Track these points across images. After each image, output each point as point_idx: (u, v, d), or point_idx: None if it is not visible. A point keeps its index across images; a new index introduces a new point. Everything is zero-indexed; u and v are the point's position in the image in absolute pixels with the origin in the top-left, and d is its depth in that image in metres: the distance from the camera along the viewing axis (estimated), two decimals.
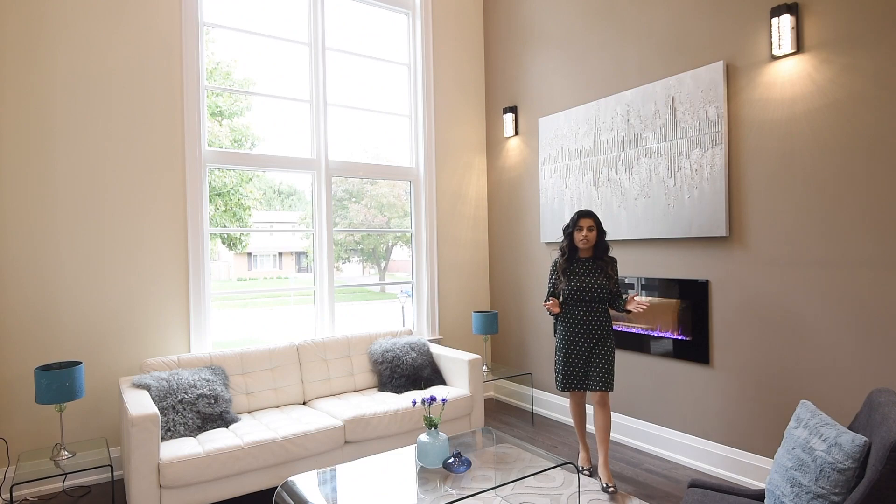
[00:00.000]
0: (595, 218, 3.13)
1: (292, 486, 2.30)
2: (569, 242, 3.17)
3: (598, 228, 3.13)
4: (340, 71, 4.31)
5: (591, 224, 3.11)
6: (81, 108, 3.23)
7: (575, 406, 3.29)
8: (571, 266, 3.16)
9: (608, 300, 3.11)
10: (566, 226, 3.19)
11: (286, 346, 3.60)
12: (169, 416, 2.83)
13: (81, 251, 3.22)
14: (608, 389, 3.05)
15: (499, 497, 2.87)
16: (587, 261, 3.14)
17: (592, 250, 3.15)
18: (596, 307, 3.11)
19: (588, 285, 3.09)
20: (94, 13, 3.26)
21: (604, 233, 3.16)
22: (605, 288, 3.08)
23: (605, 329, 3.10)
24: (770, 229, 2.93)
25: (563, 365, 3.15)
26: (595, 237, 3.11)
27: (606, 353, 3.08)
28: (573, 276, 3.13)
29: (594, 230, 3.11)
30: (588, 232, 3.09)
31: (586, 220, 3.11)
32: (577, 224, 3.12)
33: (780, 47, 2.81)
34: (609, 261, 3.14)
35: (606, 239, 3.19)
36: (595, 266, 3.13)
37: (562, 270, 3.18)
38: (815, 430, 1.71)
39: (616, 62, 3.76)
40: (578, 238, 3.11)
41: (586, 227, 3.10)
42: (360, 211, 4.63)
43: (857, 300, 2.61)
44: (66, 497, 3.03)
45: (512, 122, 4.64)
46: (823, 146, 2.71)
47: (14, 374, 3.05)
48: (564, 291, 3.14)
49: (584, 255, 3.16)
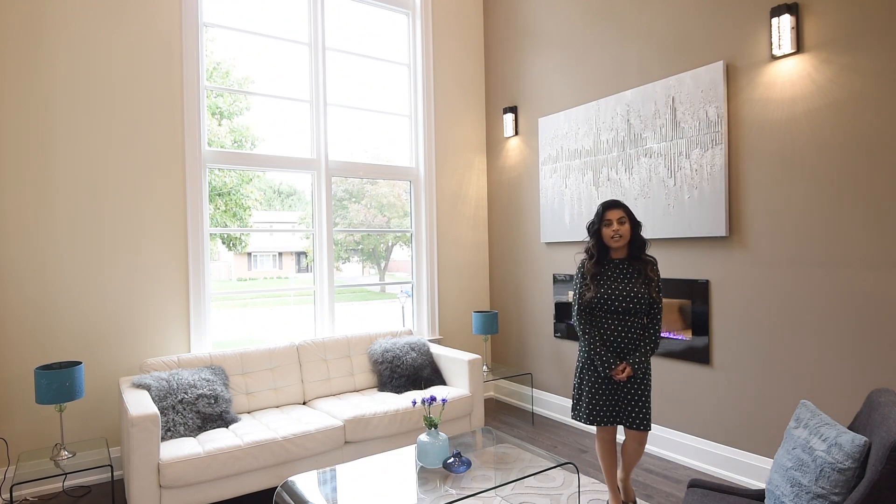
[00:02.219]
0: (625, 208, 2.59)
1: (292, 486, 2.30)
2: (596, 241, 2.62)
3: (630, 220, 2.58)
4: (340, 71, 4.31)
5: (622, 215, 2.57)
6: (81, 107, 3.23)
7: (603, 443, 2.68)
8: (601, 270, 2.62)
9: (645, 311, 2.55)
10: (591, 222, 2.65)
11: (286, 346, 3.60)
12: (169, 416, 2.83)
13: (81, 251, 3.22)
14: (647, 428, 2.54)
15: (499, 497, 2.87)
16: (620, 263, 2.61)
17: (627, 248, 2.61)
18: (630, 321, 2.54)
19: (621, 293, 2.54)
20: (94, 13, 3.26)
21: (639, 225, 2.61)
22: (643, 296, 2.52)
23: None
24: (770, 229, 2.93)
25: (589, 392, 2.60)
26: (629, 231, 2.57)
27: (646, 382, 2.55)
28: (603, 281, 2.59)
29: (626, 222, 2.56)
30: (619, 225, 2.55)
31: (615, 210, 2.57)
32: (605, 217, 2.58)
33: (780, 47, 2.80)
34: (648, 261, 2.60)
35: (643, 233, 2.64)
36: (631, 268, 2.59)
37: (590, 276, 2.61)
38: (815, 430, 1.71)
39: (616, 62, 3.76)
40: (608, 235, 2.56)
41: (616, 220, 2.56)
42: (360, 211, 4.63)
43: (857, 300, 2.61)
44: (66, 497, 3.03)
45: (512, 122, 4.64)
46: (823, 146, 2.71)
47: (14, 374, 3.05)
48: (592, 300, 2.58)
49: (616, 255, 2.62)
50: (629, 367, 2.50)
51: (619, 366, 2.51)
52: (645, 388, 2.55)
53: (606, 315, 2.57)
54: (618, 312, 2.55)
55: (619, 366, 2.51)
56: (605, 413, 2.57)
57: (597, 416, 2.58)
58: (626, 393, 2.55)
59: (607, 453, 2.69)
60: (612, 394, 2.57)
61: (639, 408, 2.54)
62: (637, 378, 2.54)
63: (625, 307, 2.53)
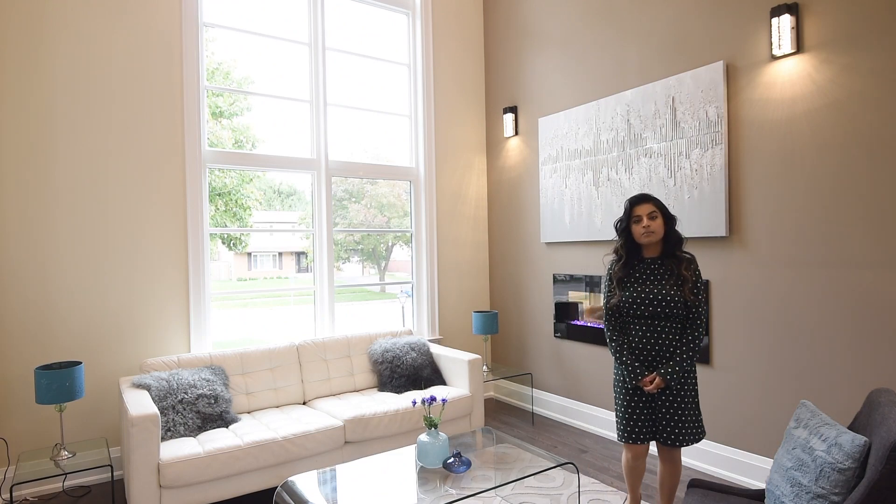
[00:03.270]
0: (655, 201, 2.33)
1: (292, 486, 2.30)
2: (626, 240, 2.37)
3: (663, 214, 2.32)
4: (340, 71, 4.31)
5: (653, 210, 2.31)
6: (81, 107, 3.23)
7: (633, 461, 2.41)
8: (630, 271, 2.37)
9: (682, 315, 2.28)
10: (618, 220, 2.41)
11: (286, 346, 3.60)
12: (169, 416, 2.83)
13: (81, 251, 3.22)
14: (676, 443, 2.27)
15: (499, 497, 2.87)
16: (652, 262, 2.35)
17: (661, 245, 2.35)
18: (662, 326, 2.27)
19: (648, 295, 2.28)
20: (94, 13, 3.26)
21: (673, 218, 2.34)
22: (675, 299, 2.25)
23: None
24: (770, 229, 2.93)
25: (622, 406, 2.36)
26: (662, 226, 2.31)
27: (683, 393, 2.27)
28: (630, 283, 2.34)
29: (657, 216, 2.30)
30: (650, 220, 2.29)
31: (645, 205, 2.31)
32: (634, 214, 2.32)
33: (780, 47, 2.80)
34: (684, 259, 2.31)
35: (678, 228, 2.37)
36: (663, 268, 2.32)
37: (617, 280, 2.37)
38: (815, 430, 1.71)
39: (616, 62, 3.76)
40: (639, 232, 2.31)
41: (646, 215, 2.29)
42: (360, 211, 4.63)
43: (857, 300, 2.61)
44: (66, 497, 3.03)
45: (512, 122, 4.64)
46: (823, 146, 2.71)
47: (14, 374, 3.05)
48: (618, 305, 2.34)
49: (649, 253, 2.37)
50: (659, 378, 2.24)
51: (647, 376, 2.27)
52: (682, 401, 2.26)
53: (635, 320, 2.32)
54: (646, 317, 2.28)
55: (647, 376, 2.27)
56: (640, 430, 2.31)
57: (631, 433, 2.32)
58: (661, 406, 2.30)
59: (632, 469, 2.43)
60: (645, 407, 2.31)
61: (673, 423, 2.27)
62: (672, 390, 2.28)
63: (653, 311, 2.27)
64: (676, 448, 2.32)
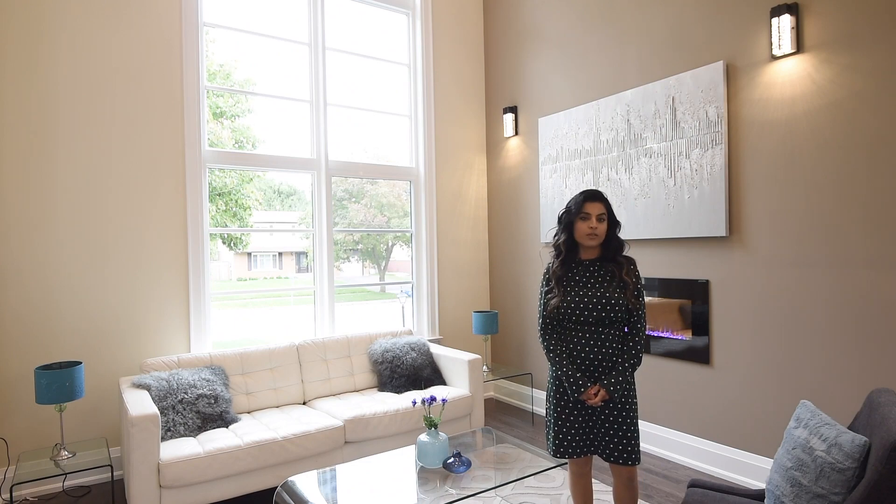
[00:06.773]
0: (606, 202, 2.19)
1: (292, 486, 2.30)
2: (567, 238, 2.20)
3: (609, 218, 2.19)
4: (340, 71, 4.31)
5: (602, 211, 2.15)
6: (82, 107, 3.23)
7: (576, 477, 2.25)
8: (570, 272, 2.21)
9: (625, 321, 2.14)
10: (563, 212, 2.23)
11: (286, 346, 3.60)
12: (169, 416, 2.83)
13: (82, 251, 3.22)
14: (634, 462, 2.10)
15: (499, 497, 2.87)
16: (592, 264, 2.20)
17: (601, 249, 2.21)
18: (605, 333, 2.11)
19: (591, 299, 2.11)
20: (94, 13, 3.26)
21: (617, 224, 2.22)
22: (620, 304, 2.10)
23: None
24: (770, 229, 2.93)
25: (558, 419, 2.16)
26: (605, 231, 2.17)
27: (629, 406, 2.12)
28: (571, 286, 2.18)
29: (604, 220, 2.16)
30: (598, 223, 2.14)
31: (595, 204, 2.16)
32: (583, 210, 2.15)
33: (780, 47, 2.80)
34: (624, 262, 2.18)
35: (620, 234, 2.24)
36: (603, 271, 2.18)
37: (556, 279, 2.19)
38: (815, 430, 1.71)
39: (616, 62, 3.76)
40: (583, 231, 2.15)
41: (595, 216, 2.14)
42: (359, 211, 4.63)
43: (858, 300, 2.61)
44: (66, 497, 3.03)
45: (512, 122, 4.64)
46: (823, 146, 2.71)
47: (14, 374, 3.05)
48: (558, 308, 2.15)
49: (587, 255, 2.21)
50: (603, 390, 2.06)
51: (590, 388, 2.08)
52: (627, 414, 2.11)
53: (576, 327, 2.13)
54: (590, 323, 2.11)
55: (590, 388, 2.08)
56: (576, 443, 2.14)
57: (567, 448, 2.14)
58: (605, 420, 2.12)
59: (580, 490, 2.25)
60: (584, 421, 2.14)
61: (619, 437, 2.09)
62: (615, 402, 2.11)
63: (597, 317, 2.10)
64: (632, 467, 2.13)
